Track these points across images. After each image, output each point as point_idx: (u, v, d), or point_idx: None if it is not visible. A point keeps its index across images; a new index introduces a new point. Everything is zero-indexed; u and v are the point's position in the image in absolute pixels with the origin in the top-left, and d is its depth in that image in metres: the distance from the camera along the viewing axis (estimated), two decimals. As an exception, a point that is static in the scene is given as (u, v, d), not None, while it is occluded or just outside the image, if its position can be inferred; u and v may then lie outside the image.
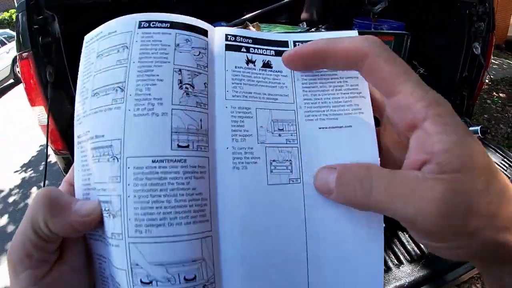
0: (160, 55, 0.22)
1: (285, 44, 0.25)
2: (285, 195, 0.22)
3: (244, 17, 2.48)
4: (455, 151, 0.17)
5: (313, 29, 2.31)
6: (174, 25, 0.23)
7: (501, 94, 4.63)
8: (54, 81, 1.10)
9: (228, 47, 0.25)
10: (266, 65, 0.25)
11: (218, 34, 0.25)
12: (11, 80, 6.36)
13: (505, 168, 1.41)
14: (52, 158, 1.15)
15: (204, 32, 0.24)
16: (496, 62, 5.78)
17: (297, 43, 0.25)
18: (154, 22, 0.23)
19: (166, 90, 0.21)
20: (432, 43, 1.66)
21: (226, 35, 0.25)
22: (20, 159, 3.37)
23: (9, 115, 4.76)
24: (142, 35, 0.22)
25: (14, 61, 6.29)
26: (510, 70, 6.32)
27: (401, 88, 0.19)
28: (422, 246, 1.04)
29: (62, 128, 1.16)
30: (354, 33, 0.24)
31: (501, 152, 1.48)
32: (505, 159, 1.45)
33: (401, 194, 0.18)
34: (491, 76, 1.60)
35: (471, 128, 1.10)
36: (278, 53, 0.25)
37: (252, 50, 0.25)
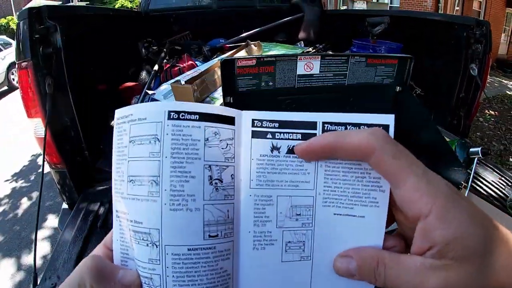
0: (191, 151, 0.23)
1: (313, 125, 0.25)
2: (296, 270, 0.26)
3: (243, 35, 2.53)
4: (452, 245, 0.20)
5: (310, 48, 2.35)
6: (203, 117, 0.24)
7: (493, 112, 4.73)
8: (53, 93, 1.08)
9: (254, 134, 0.26)
10: (291, 151, 0.25)
11: (245, 119, 0.26)
12: (5, 87, 6.29)
13: (503, 187, 1.42)
14: (45, 168, 1.12)
15: (231, 120, 0.25)
16: (488, 80, 5.92)
17: (326, 125, 0.25)
18: (184, 114, 0.23)
19: (198, 187, 0.23)
20: (430, 64, 1.69)
21: (253, 120, 0.26)
22: (11, 168, 3.30)
23: (9, 115, 4.69)
24: (173, 128, 0.23)
25: (9, 68, 6.24)
26: (502, 88, 6.48)
27: (406, 182, 0.21)
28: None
29: (59, 142, 1.13)
30: (388, 118, 0.25)
31: (498, 171, 1.49)
32: (502, 178, 1.46)
33: (406, 281, 0.21)
34: (484, 95, 1.65)
35: (472, 149, 1.10)
36: (305, 137, 0.25)
37: (277, 135, 0.25)
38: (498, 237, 0.20)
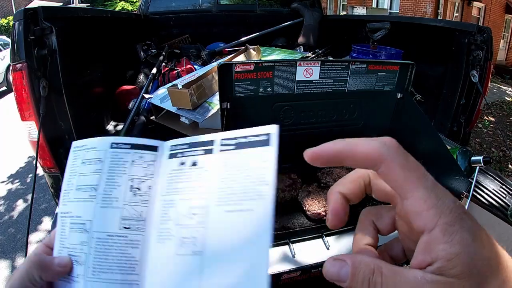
0: (121, 168, 0.33)
1: (212, 142, 0.32)
2: (187, 262, 0.30)
3: (242, 39, 2.52)
4: (455, 262, 0.20)
5: (310, 53, 2.34)
6: (134, 146, 0.34)
7: (491, 118, 4.73)
8: (48, 95, 1.06)
9: (170, 156, 0.34)
10: (193, 164, 0.32)
11: (166, 146, 0.35)
12: (4, 88, 6.26)
13: (504, 196, 1.40)
14: (39, 170, 1.09)
15: (155, 148, 0.35)
16: (487, 87, 5.93)
17: (222, 141, 0.32)
18: (121, 144, 0.34)
19: (121, 192, 0.33)
20: (430, 70, 1.68)
21: (171, 146, 0.34)
22: (7, 169, 3.27)
23: (8, 115, 4.66)
24: (112, 154, 0.34)
25: (8, 68, 6.22)
26: (500, 94, 6.49)
27: (414, 193, 0.21)
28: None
29: (53, 145, 1.10)
30: (272, 128, 0.29)
31: (499, 180, 1.47)
32: (503, 187, 1.45)
33: None
34: (485, 100, 1.65)
35: (473, 158, 1.08)
36: (207, 151, 0.32)
37: (186, 153, 0.33)
38: (499, 260, 0.21)
